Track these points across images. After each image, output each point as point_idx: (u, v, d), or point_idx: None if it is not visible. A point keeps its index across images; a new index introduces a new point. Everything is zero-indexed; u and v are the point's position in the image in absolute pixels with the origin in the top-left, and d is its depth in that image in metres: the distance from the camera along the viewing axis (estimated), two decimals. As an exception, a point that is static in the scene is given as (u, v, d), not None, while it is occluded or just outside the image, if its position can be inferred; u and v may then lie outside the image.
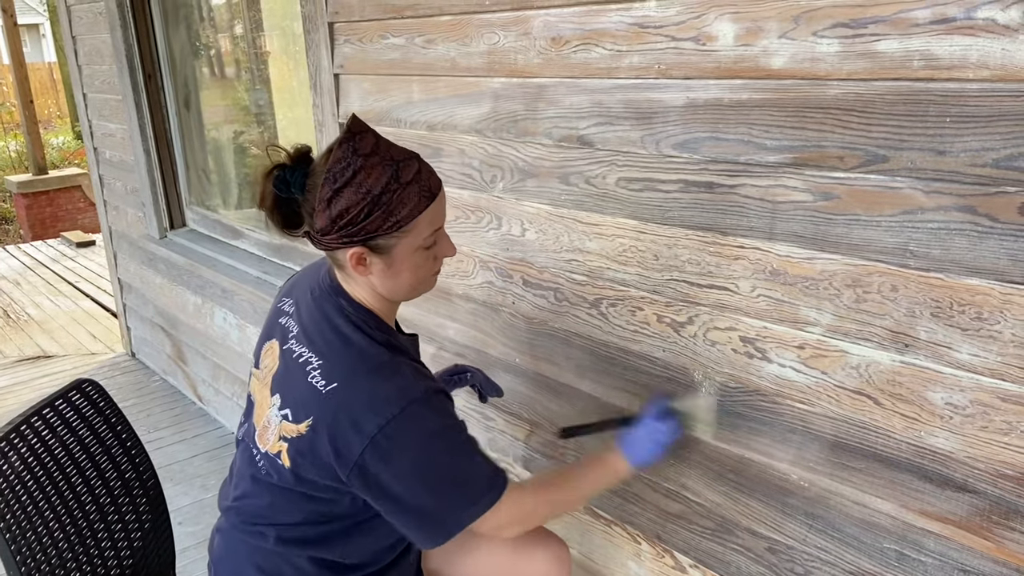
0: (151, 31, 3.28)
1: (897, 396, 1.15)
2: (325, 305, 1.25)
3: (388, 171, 1.13)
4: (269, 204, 1.19)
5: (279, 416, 1.22)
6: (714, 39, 1.24)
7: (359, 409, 1.13)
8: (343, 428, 1.13)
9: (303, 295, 1.31)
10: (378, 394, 1.13)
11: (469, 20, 1.66)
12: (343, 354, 1.19)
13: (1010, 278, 1.01)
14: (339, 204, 1.12)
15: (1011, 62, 0.95)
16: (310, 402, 1.17)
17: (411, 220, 1.15)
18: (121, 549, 1.56)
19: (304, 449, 1.18)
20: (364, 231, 1.14)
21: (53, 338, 4.74)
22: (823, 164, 1.15)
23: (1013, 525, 1.07)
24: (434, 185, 1.18)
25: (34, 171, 8.10)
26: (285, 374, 1.24)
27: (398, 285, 1.22)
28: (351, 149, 1.13)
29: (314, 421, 1.16)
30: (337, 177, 1.12)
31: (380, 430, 1.11)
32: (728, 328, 1.35)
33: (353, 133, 1.14)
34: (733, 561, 1.46)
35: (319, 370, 1.18)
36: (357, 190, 1.12)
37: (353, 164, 1.12)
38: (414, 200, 1.15)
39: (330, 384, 1.16)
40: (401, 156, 1.16)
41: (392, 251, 1.17)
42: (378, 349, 1.19)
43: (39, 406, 1.51)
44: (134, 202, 3.63)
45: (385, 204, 1.12)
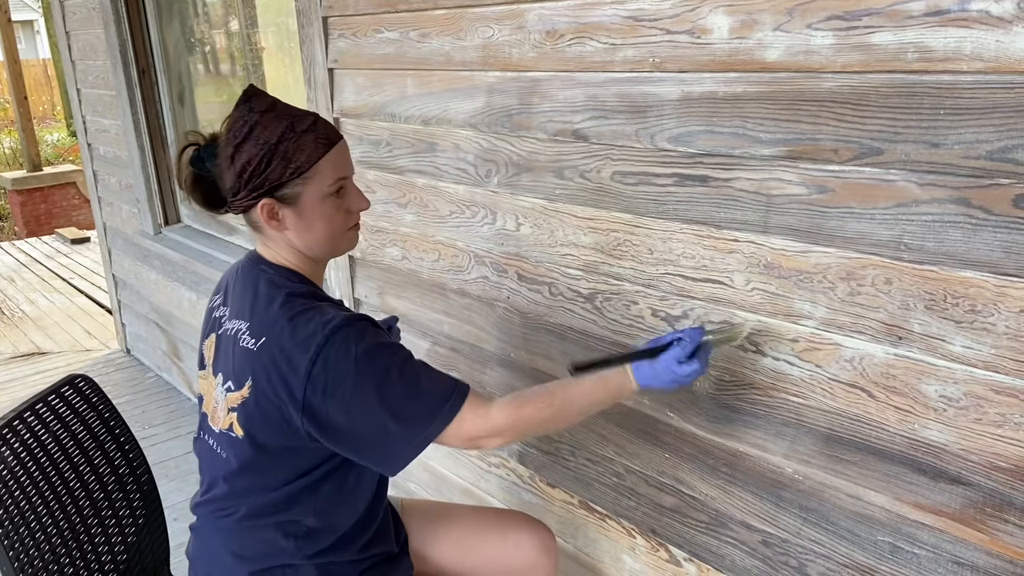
0: (145, 26, 3.27)
1: (891, 389, 1.15)
2: (247, 277, 1.28)
3: (283, 123, 1.18)
4: (188, 183, 1.24)
5: (223, 391, 1.24)
6: (709, 32, 1.24)
7: (289, 351, 1.15)
8: (281, 375, 1.15)
9: (229, 283, 1.35)
10: (303, 332, 1.15)
11: (463, 14, 1.65)
12: (266, 310, 1.21)
13: (1004, 270, 1.01)
14: (240, 159, 1.17)
15: (1005, 54, 0.95)
16: (245, 364, 1.19)
17: (311, 166, 1.19)
18: (115, 544, 1.56)
19: (251, 411, 1.19)
20: (267, 181, 1.18)
21: (48, 335, 4.72)
22: (817, 157, 1.15)
23: (1007, 517, 1.07)
24: (332, 135, 1.22)
25: (28, 168, 8.08)
26: (222, 353, 1.27)
27: (314, 238, 1.25)
28: (247, 108, 1.19)
29: (253, 379, 1.18)
30: (236, 134, 1.18)
31: (312, 364, 1.13)
32: (723, 322, 1.34)
33: (249, 96, 1.21)
34: (727, 554, 1.46)
35: (247, 332, 1.21)
36: (255, 143, 1.17)
37: (249, 120, 1.18)
38: (310, 146, 1.19)
39: (259, 340, 1.18)
40: (297, 112, 1.21)
41: (300, 200, 1.20)
42: (298, 299, 1.21)
43: (31, 401, 1.50)
44: (128, 198, 3.62)
45: (283, 152, 1.17)
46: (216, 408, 1.27)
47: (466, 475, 2.06)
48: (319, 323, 1.15)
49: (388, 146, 1.97)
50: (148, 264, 3.60)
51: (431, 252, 1.95)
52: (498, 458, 1.93)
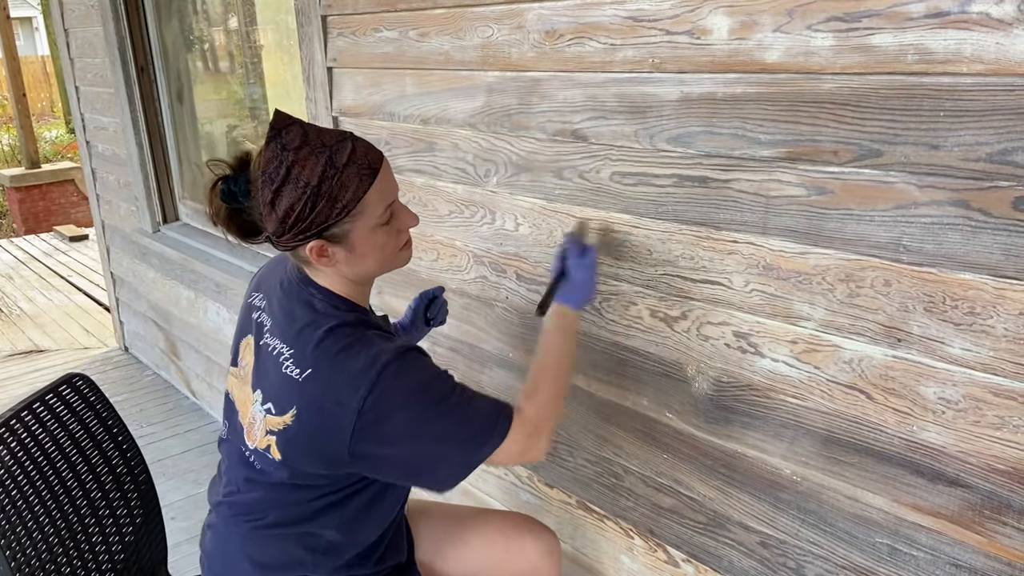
0: (144, 24, 3.26)
1: (890, 391, 1.15)
2: (294, 296, 1.24)
3: (321, 159, 1.11)
4: (223, 218, 1.18)
5: (263, 411, 1.21)
6: (708, 33, 1.23)
7: (338, 389, 1.12)
8: (329, 412, 1.13)
9: (272, 288, 1.31)
10: (352, 369, 1.13)
11: (463, 13, 1.65)
12: (311, 341, 1.18)
13: (1003, 273, 1.01)
14: (282, 204, 1.10)
15: (1005, 56, 0.95)
16: (290, 393, 1.17)
17: (358, 202, 1.13)
18: (112, 544, 1.55)
19: (292, 438, 1.17)
20: (314, 224, 1.12)
21: (45, 332, 4.72)
22: (817, 158, 1.15)
23: (1005, 520, 1.07)
24: (374, 160, 1.16)
25: (27, 165, 8.07)
26: (262, 369, 1.24)
27: (365, 267, 1.22)
28: (279, 146, 1.11)
29: (298, 410, 1.15)
30: (272, 177, 1.10)
31: (363, 402, 1.10)
32: (721, 323, 1.34)
33: (278, 129, 1.12)
34: (725, 555, 1.46)
35: (291, 359, 1.18)
36: (295, 186, 1.10)
37: (285, 161, 1.10)
38: (355, 180, 1.12)
39: (304, 371, 1.15)
40: (332, 140, 1.14)
41: (349, 236, 1.16)
42: (345, 328, 1.18)
43: (29, 401, 1.50)
44: (127, 196, 3.62)
45: (327, 193, 1.11)
46: (254, 425, 1.24)
47: (464, 475, 2.06)
48: (368, 359, 1.13)
49: (387, 145, 1.97)
50: (146, 262, 3.59)
51: (430, 252, 1.95)
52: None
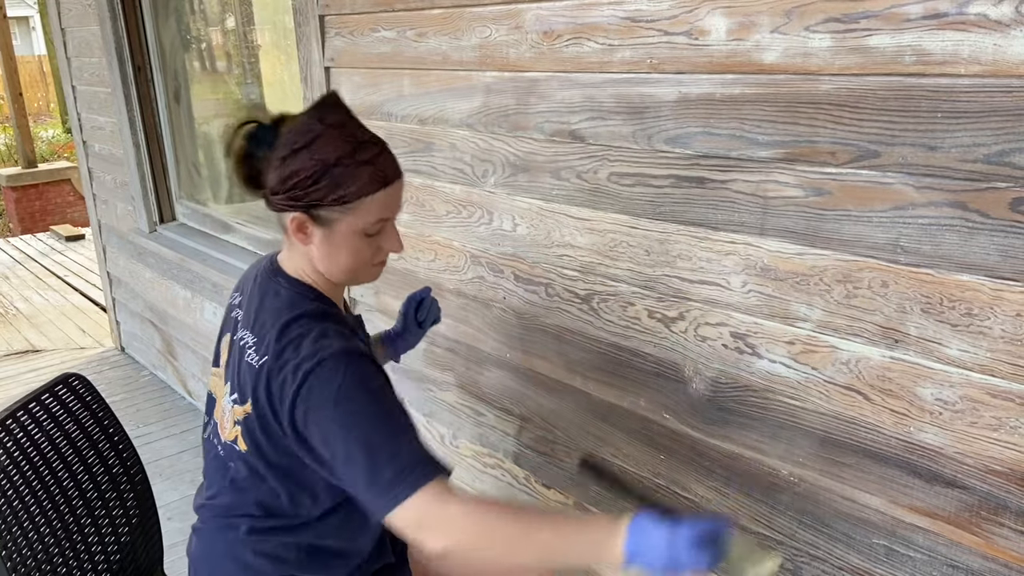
0: (141, 23, 3.26)
1: (887, 392, 1.15)
2: (264, 287, 1.26)
3: (346, 146, 1.12)
4: (236, 156, 1.19)
5: (231, 402, 1.23)
6: (706, 33, 1.23)
7: (285, 372, 1.13)
8: (274, 396, 1.14)
9: (250, 284, 1.32)
10: (300, 354, 1.12)
11: (461, 13, 1.65)
12: (271, 329, 1.18)
13: (1000, 274, 1.01)
14: (291, 165, 1.12)
15: (1003, 57, 0.95)
16: (248, 380, 1.18)
17: (357, 199, 1.13)
18: (108, 544, 1.55)
19: (253, 427, 1.18)
20: (309, 197, 1.13)
21: (42, 332, 4.71)
22: (814, 159, 1.15)
23: (1002, 521, 1.07)
24: (391, 174, 1.17)
25: (23, 164, 8.05)
26: (233, 361, 1.25)
27: (335, 264, 1.21)
28: (318, 116, 1.13)
29: (253, 397, 1.17)
30: (297, 139, 1.12)
31: (300, 385, 1.10)
32: (719, 324, 1.34)
33: (326, 104, 1.16)
34: (723, 557, 1.45)
35: (253, 347, 1.19)
36: (311, 155, 1.11)
37: (315, 130, 1.12)
38: (364, 179, 1.13)
39: (262, 358, 1.16)
40: (365, 137, 1.16)
41: (333, 225, 1.16)
42: (302, 320, 1.17)
43: (24, 400, 1.50)
44: (124, 196, 3.61)
45: (335, 176, 1.12)
46: (224, 417, 1.25)
47: (462, 475, 2.05)
48: (311, 350, 1.12)
49: (384, 145, 1.97)
50: (143, 262, 3.59)
51: (427, 252, 1.95)
52: (493, 459, 1.93)
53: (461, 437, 2.02)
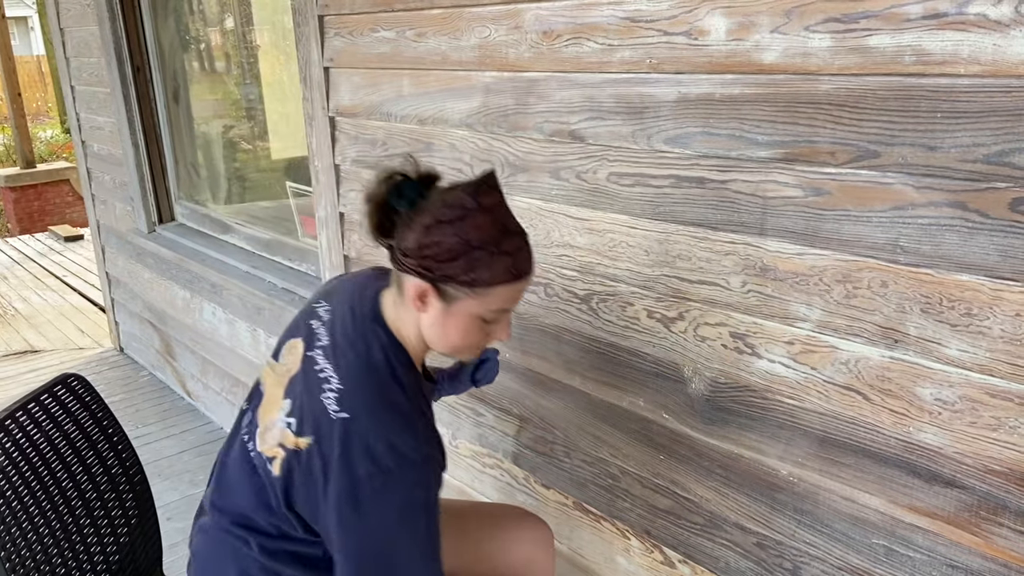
0: (140, 23, 3.26)
1: (886, 392, 1.15)
2: (362, 329, 1.22)
3: (493, 231, 1.11)
4: (375, 203, 1.15)
5: (283, 422, 1.20)
6: (706, 33, 1.23)
7: (359, 448, 1.12)
8: (336, 460, 1.12)
9: (341, 307, 1.28)
10: (379, 439, 1.12)
11: (460, 13, 1.65)
12: (364, 387, 1.16)
13: (1000, 274, 1.01)
14: (433, 235, 1.10)
15: (1002, 57, 0.95)
16: (317, 422, 1.16)
17: (487, 287, 1.12)
18: (107, 544, 1.55)
19: (296, 465, 1.17)
20: (441, 271, 1.11)
21: (40, 333, 4.70)
22: (814, 159, 1.15)
23: (1001, 521, 1.07)
24: (526, 269, 1.16)
25: (22, 165, 8.04)
26: (301, 382, 1.22)
27: (442, 339, 1.20)
28: (474, 195, 1.11)
29: (315, 441, 1.15)
30: (446, 212, 1.10)
31: (369, 477, 1.10)
32: (718, 324, 1.34)
33: (485, 184, 1.13)
34: (722, 556, 1.46)
35: (336, 393, 1.16)
36: (456, 232, 1.09)
37: (467, 207, 1.10)
38: (500, 269, 1.12)
39: (341, 412, 1.14)
40: (512, 226, 1.14)
41: (455, 304, 1.14)
42: (400, 394, 1.17)
43: (23, 401, 1.49)
44: (122, 196, 3.61)
45: (473, 259, 1.10)
46: (270, 431, 1.23)
47: (461, 476, 2.05)
48: (402, 443, 1.12)
49: (384, 145, 1.97)
50: (142, 262, 3.58)
51: (426, 252, 1.94)
52: (493, 459, 1.93)
53: (460, 437, 2.02)
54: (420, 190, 1.13)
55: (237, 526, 1.27)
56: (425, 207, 1.11)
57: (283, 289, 2.63)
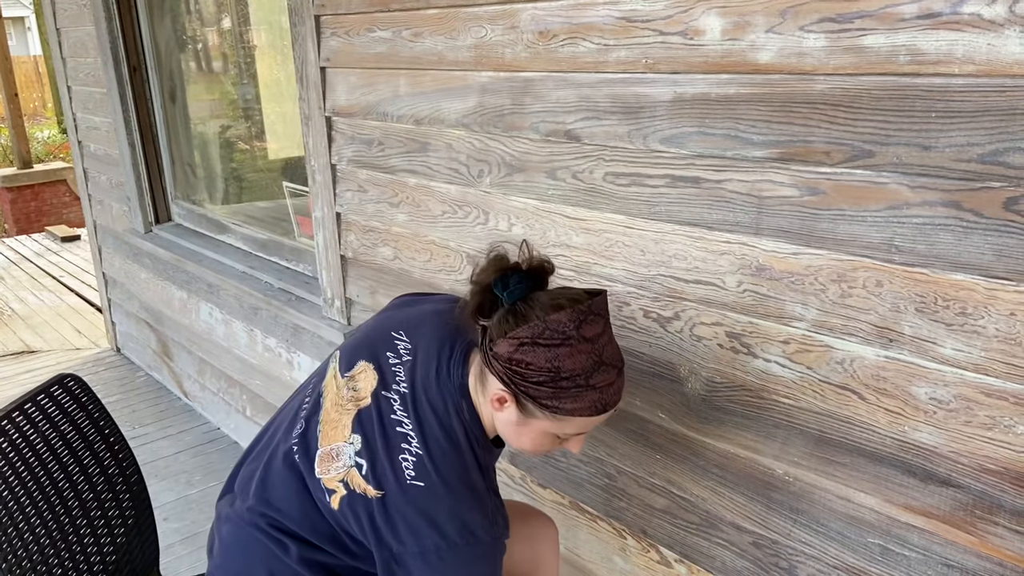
0: (136, 24, 3.25)
1: (881, 391, 1.15)
2: (447, 395, 1.21)
3: (587, 366, 1.09)
4: (481, 286, 1.13)
5: (352, 460, 1.19)
6: (701, 33, 1.24)
7: (428, 518, 1.12)
8: (405, 523, 1.13)
9: (425, 353, 1.26)
10: (452, 516, 1.13)
11: (456, 13, 1.65)
12: (444, 461, 1.16)
13: (994, 273, 1.01)
14: (525, 353, 1.08)
15: (996, 57, 0.95)
16: (391, 479, 1.15)
17: (569, 416, 1.11)
18: (104, 545, 1.55)
19: (359, 511, 1.17)
20: (525, 390, 1.10)
21: (37, 333, 4.70)
22: (809, 159, 1.15)
23: (997, 520, 1.08)
24: (611, 403, 1.13)
25: (19, 165, 8.03)
26: (376, 426, 1.20)
27: (513, 440, 1.20)
28: (576, 323, 1.08)
29: (384, 498, 1.15)
30: (545, 335, 1.07)
31: (436, 549, 1.11)
32: (714, 323, 1.35)
33: (591, 312, 1.10)
34: (718, 555, 1.46)
35: (415, 459, 1.16)
36: (551, 359, 1.07)
37: (567, 335, 1.07)
38: (585, 404, 1.10)
39: (417, 480, 1.14)
40: (610, 361, 1.11)
41: (531, 420, 1.14)
42: (477, 474, 1.18)
43: (20, 401, 1.49)
44: (119, 196, 3.61)
45: (559, 387, 1.08)
46: (334, 460, 1.21)
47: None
48: (470, 522, 1.13)
49: (380, 145, 1.97)
50: (139, 263, 3.58)
51: (423, 252, 1.94)
52: (489, 459, 1.93)
53: (457, 437, 2.01)
54: (527, 287, 1.11)
55: (276, 529, 1.25)
56: (526, 315, 1.09)
57: (280, 289, 2.63)
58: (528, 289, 1.11)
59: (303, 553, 1.24)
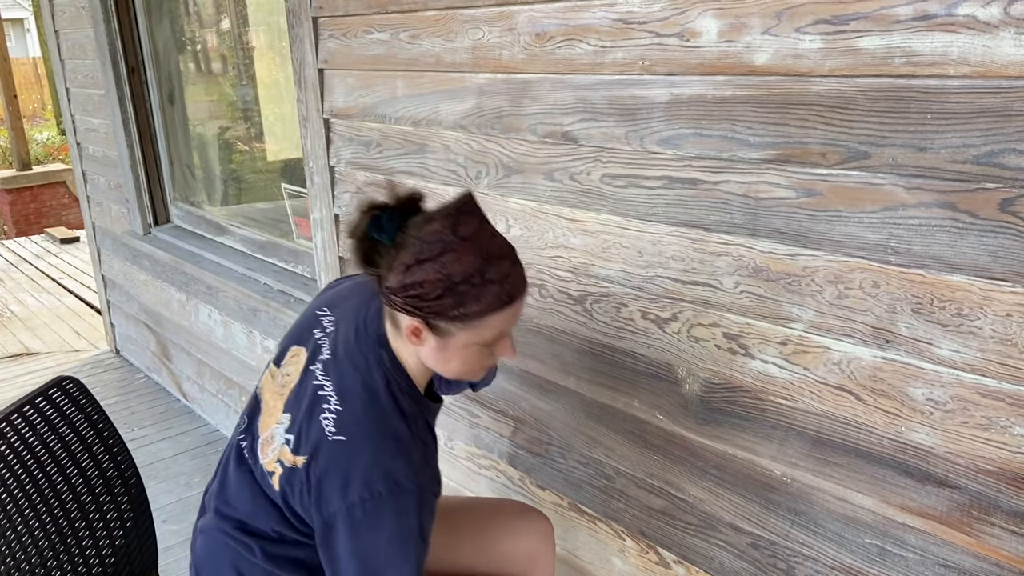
0: (134, 25, 3.25)
1: (878, 392, 1.16)
2: (365, 349, 1.21)
3: (476, 263, 1.07)
4: (357, 237, 1.13)
5: (283, 438, 1.20)
6: (698, 35, 1.24)
7: (354, 472, 1.12)
8: (331, 482, 1.12)
9: (345, 319, 1.27)
10: (377, 468, 1.12)
11: (454, 15, 1.65)
12: (363, 412, 1.16)
13: (990, 274, 1.01)
14: (415, 275, 1.07)
15: (991, 58, 0.95)
16: (314, 441, 1.16)
17: (479, 318, 1.10)
18: (103, 548, 1.55)
19: (294, 481, 1.17)
20: (429, 310, 1.09)
21: (36, 335, 4.70)
22: (805, 160, 1.16)
23: (993, 520, 1.08)
24: (516, 290, 1.12)
25: (18, 167, 8.03)
26: (301, 398, 1.22)
27: (444, 367, 1.19)
28: (451, 226, 1.07)
29: (309, 460, 1.15)
30: (424, 248, 1.07)
31: (362, 502, 1.10)
32: (712, 324, 1.35)
33: (460, 211, 1.09)
34: (716, 556, 1.46)
35: (334, 415, 1.16)
36: (438, 269, 1.06)
37: (446, 241, 1.07)
38: (489, 299, 1.09)
39: (339, 435, 1.14)
40: (498, 253, 1.11)
41: (449, 338, 1.13)
42: (399, 421, 1.17)
43: (18, 404, 1.49)
44: (118, 198, 3.61)
45: (460, 294, 1.07)
46: (270, 444, 1.22)
47: (457, 477, 2.06)
48: (396, 470, 1.12)
49: (378, 147, 1.97)
50: (137, 264, 3.58)
51: (421, 253, 1.94)
52: (488, 460, 1.93)
53: (456, 439, 2.02)
54: (399, 221, 1.10)
55: (240, 531, 1.27)
56: (405, 242, 1.08)
57: (278, 291, 2.63)
58: (401, 221, 1.10)
59: (268, 549, 1.25)
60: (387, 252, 1.11)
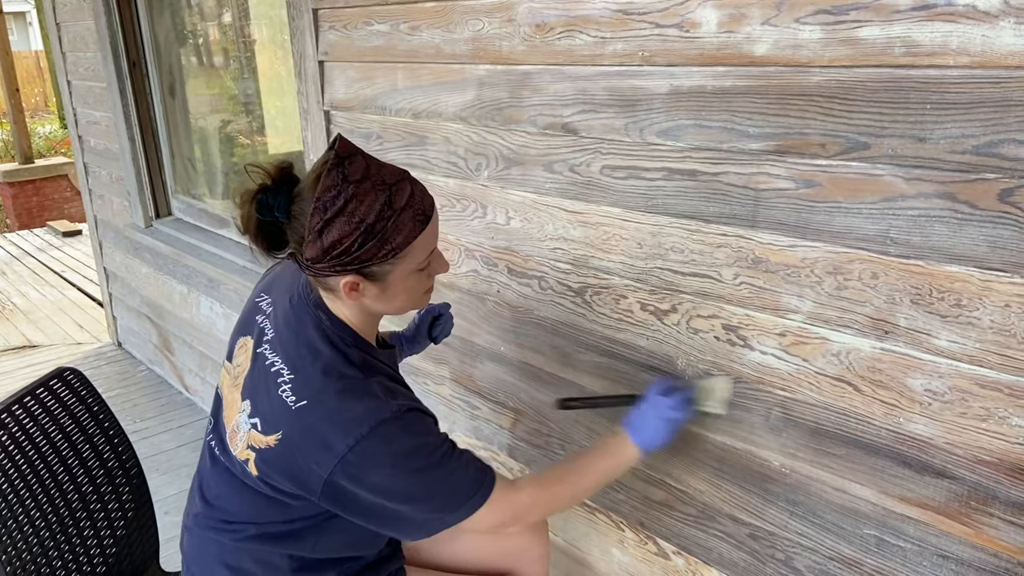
0: (136, 18, 3.25)
1: (877, 383, 1.16)
2: (303, 315, 1.22)
3: (381, 197, 1.08)
4: (252, 229, 1.13)
5: (248, 424, 1.20)
6: (697, 26, 1.23)
7: (328, 428, 1.11)
8: (312, 447, 1.12)
9: (281, 297, 1.28)
10: (347, 414, 1.11)
11: (453, 6, 1.65)
12: (313, 371, 1.16)
13: (989, 265, 1.01)
14: (331, 235, 1.07)
15: (991, 48, 0.95)
16: (279, 416, 1.15)
17: (406, 246, 1.11)
18: (104, 539, 1.56)
19: (271, 460, 1.17)
20: (358, 260, 1.10)
21: (39, 328, 4.71)
22: (805, 151, 1.15)
23: (991, 511, 1.08)
24: (428, 206, 1.14)
25: (20, 160, 8.04)
26: (256, 380, 1.22)
27: (391, 307, 1.20)
28: (340, 175, 1.07)
29: (283, 436, 1.14)
30: (328, 206, 1.06)
31: (350, 449, 1.09)
32: (711, 316, 1.35)
33: (341, 158, 1.09)
34: (715, 547, 1.46)
35: (290, 384, 1.16)
36: (349, 220, 1.07)
37: (344, 192, 1.07)
38: (408, 226, 1.11)
39: (300, 401, 1.14)
40: (393, 179, 1.11)
41: (387, 277, 1.14)
42: (350, 368, 1.17)
43: (19, 395, 1.50)
44: (119, 191, 3.61)
45: (380, 232, 1.08)
46: (237, 434, 1.23)
47: (456, 468, 2.06)
48: (365, 409, 1.11)
49: (379, 139, 1.97)
50: (139, 257, 3.59)
51: (422, 246, 1.94)
52: (488, 452, 1.94)
53: (456, 430, 2.02)
54: (286, 195, 1.10)
55: (226, 522, 1.28)
56: (303, 210, 1.08)
57: (280, 283, 2.63)
58: (287, 194, 1.11)
59: (252, 532, 1.25)
60: (289, 229, 1.11)
